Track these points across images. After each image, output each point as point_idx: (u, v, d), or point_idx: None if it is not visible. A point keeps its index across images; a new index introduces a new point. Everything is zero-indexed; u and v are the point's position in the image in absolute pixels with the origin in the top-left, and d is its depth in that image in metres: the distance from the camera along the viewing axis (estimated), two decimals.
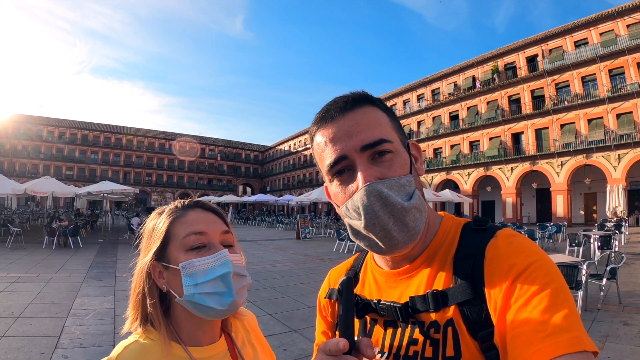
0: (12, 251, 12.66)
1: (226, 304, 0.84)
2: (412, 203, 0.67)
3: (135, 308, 0.88)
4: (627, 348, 4.64)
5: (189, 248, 0.85)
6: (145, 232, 0.93)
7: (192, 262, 0.83)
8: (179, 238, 0.86)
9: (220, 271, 0.83)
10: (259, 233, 26.66)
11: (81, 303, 6.56)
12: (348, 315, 0.60)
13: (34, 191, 17.77)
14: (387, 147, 0.69)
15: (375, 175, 0.67)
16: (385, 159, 0.69)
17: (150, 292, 0.87)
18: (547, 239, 16.01)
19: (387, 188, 0.66)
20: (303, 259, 13.41)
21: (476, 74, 37.74)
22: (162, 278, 0.87)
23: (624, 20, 27.01)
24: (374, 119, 0.71)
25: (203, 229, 0.87)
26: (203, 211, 0.92)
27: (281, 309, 6.58)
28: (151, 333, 0.85)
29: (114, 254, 13.25)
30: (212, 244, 0.87)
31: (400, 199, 0.66)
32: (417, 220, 0.68)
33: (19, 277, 8.45)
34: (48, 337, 4.83)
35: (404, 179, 0.68)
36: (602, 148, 27.49)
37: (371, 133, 0.69)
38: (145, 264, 0.86)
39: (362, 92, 0.75)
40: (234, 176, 79.18)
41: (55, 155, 61.01)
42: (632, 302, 6.77)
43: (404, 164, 0.71)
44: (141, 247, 0.92)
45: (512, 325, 0.56)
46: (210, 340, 0.91)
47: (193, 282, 0.82)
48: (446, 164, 39.15)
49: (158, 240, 0.87)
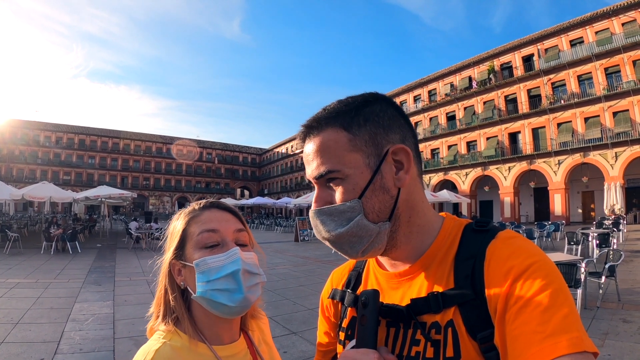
0: (10, 257, 12.61)
1: (236, 301, 0.86)
2: (344, 230, 0.70)
3: (158, 305, 0.92)
4: (626, 345, 4.65)
5: (203, 246, 0.88)
6: (167, 233, 0.97)
7: (204, 260, 0.86)
8: (194, 236, 0.89)
9: (230, 268, 0.86)
10: (257, 236, 26.44)
11: (80, 308, 6.54)
12: (373, 326, 0.64)
13: (31, 196, 17.72)
14: (333, 176, 0.72)
15: (325, 200, 0.73)
16: (335, 184, 0.72)
17: (171, 287, 0.91)
18: (545, 237, 16.06)
19: (325, 214, 0.72)
20: (302, 261, 13.41)
21: (472, 74, 37.84)
22: (181, 275, 0.90)
23: (619, 19, 27.14)
24: (325, 147, 0.72)
25: (216, 227, 0.90)
26: (218, 210, 0.95)
27: (280, 312, 6.57)
28: (176, 333, 0.87)
29: (112, 258, 13.22)
30: (225, 241, 0.90)
31: (335, 224, 0.71)
32: (354, 243, 0.72)
33: (18, 283, 8.42)
34: (47, 343, 4.81)
35: (343, 206, 0.70)
36: (599, 146, 27.55)
37: (318, 164, 0.73)
38: (166, 262, 0.91)
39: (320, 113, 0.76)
40: (232, 179, 79.15)
41: (52, 160, 60.88)
42: (631, 300, 6.79)
43: (352, 189, 0.71)
44: (164, 247, 0.96)
45: (511, 326, 0.57)
46: (230, 339, 0.93)
47: (205, 279, 0.85)
48: (444, 165, 39.19)
49: (176, 239, 0.91)
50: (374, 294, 0.67)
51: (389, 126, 0.74)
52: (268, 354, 1.01)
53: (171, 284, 0.90)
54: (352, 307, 0.83)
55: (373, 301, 0.66)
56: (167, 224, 0.98)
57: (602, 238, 11.69)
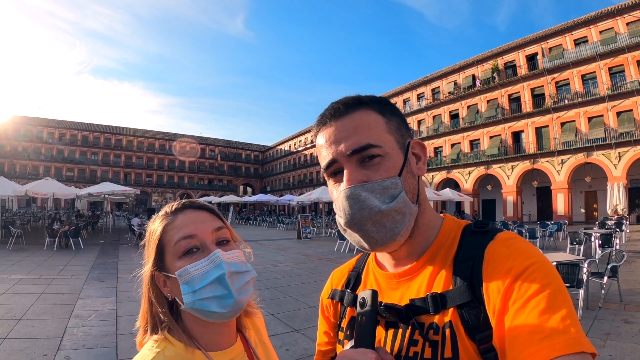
0: (13, 253, 12.68)
1: (228, 306, 0.82)
2: (392, 206, 0.69)
3: (144, 319, 0.88)
4: (628, 346, 4.64)
5: (182, 254, 0.83)
6: (145, 239, 0.92)
7: (186, 269, 0.81)
8: (171, 245, 0.84)
9: (215, 274, 0.81)
10: (259, 233, 26.66)
11: (83, 304, 6.57)
12: (372, 326, 0.64)
13: (34, 193, 17.78)
14: (375, 152, 0.71)
15: (360, 179, 0.70)
16: (373, 162, 0.71)
17: (158, 300, 0.86)
18: (547, 237, 16.02)
19: (367, 191, 0.69)
20: (304, 258, 13.42)
21: (476, 72, 37.72)
22: (166, 287, 0.86)
23: (623, 18, 26.99)
24: (364, 123, 0.73)
25: (192, 232, 0.84)
26: (192, 211, 0.89)
27: (283, 309, 6.59)
28: (169, 342, 0.84)
29: (115, 255, 13.25)
30: (204, 245, 0.84)
31: (379, 201, 0.69)
32: (397, 222, 0.70)
33: (21, 279, 8.47)
34: (50, 339, 4.84)
35: (388, 182, 0.70)
36: (603, 146, 27.46)
37: (358, 138, 0.71)
38: (147, 275, 0.86)
39: (357, 95, 0.77)
40: (235, 176, 79.19)
41: (55, 156, 61.05)
42: (633, 300, 6.77)
43: (393, 166, 0.72)
44: (144, 256, 0.92)
45: (510, 327, 0.57)
46: (228, 343, 0.91)
47: (191, 290, 0.80)
48: (447, 163, 39.14)
49: (153, 250, 0.86)
50: (372, 294, 0.67)
51: (406, 123, 0.80)
52: (264, 354, 1.00)
53: (157, 296, 0.86)
54: (351, 307, 0.84)
55: (371, 302, 0.66)
56: (144, 223, 0.92)
57: (604, 238, 11.67)
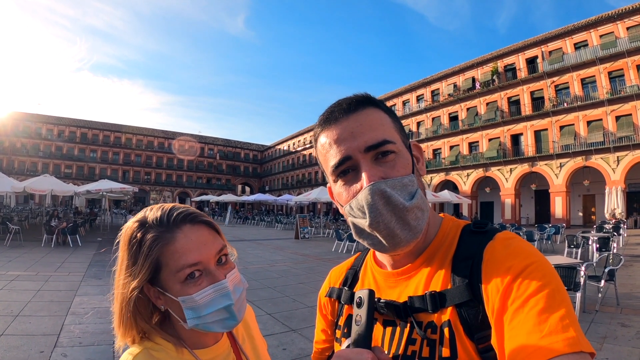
0: (11, 249, 12.65)
1: (230, 326, 0.83)
2: (414, 202, 0.68)
3: (126, 334, 0.83)
4: (625, 349, 4.65)
5: (184, 279, 0.78)
6: (124, 244, 0.83)
7: (191, 298, 0.78)
8: (172, 270, 0.78)
9: (222, 303, 0.80)
10: (257, 232, 26.64)
11: (80, 302, 6.56)
12: (368, 326, 0.62)
13: (33, 189, 17.77)
14: (390, 148, 0.70)
15: (379, 175, 0.69)
16: (388, 159, 0.70)
17: (144, 313, 0.84)
18: (545, 240, 16.03)
19: (390, 187, 0.67)
20: (302, 258, 13.42)
21: (476, 75, 37.77)
22: (160, 299, 0.82)
23: (624, 23, 27.05)
24: (377, 120, 0.72)
25: (196, 259, 0.79)
26: (192, 228, 0.82)
27: (280, 309, 6.59)
28: (157, 340, 0.84)
29: (113, 252, 13.19)
30: (207, 270, 0.81)
31: (403, 198, 0.68)
32: (419, 219, 0.69)
33: (18, 275, 8.45)
34: (47, 336, 4.83)
35: (406, 179, 0.70)
36: (601, 150, 27.52)
37: (374, 134, 0.70)
38: (133, 291, 0.79)
39: (365, 94, 0.76)
40: (233, 175, 79.12)
41: (54, 153, 60.89)
42: (630, 304, 6.79)
43: (407, 164, 0.72)
44: (120, 259, 0.83)
45: (508, 326, 0.57)
46: (214, 340, 0.91)
47: (196, 315, 0.79)
48: (445, 165, 39.15)
49: (147, 271, 0.78)
50: (369, 293, 0.63)
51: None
52: (252, 349, 1.00)
53: (144, 308, 0.83)
54: (349, 304, 0.84)
55: (368, 301, 0.65)
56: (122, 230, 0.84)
57: (602, 242, 11.69)
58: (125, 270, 0.81)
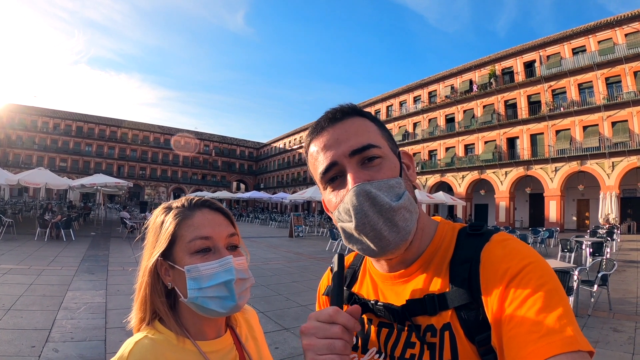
0: (3, 242, 12.54)
1: (228, 308, 0.86)
2: (401, 203, 0.68)
3: (141, 308, 0.90)
4: (616, 354, 4.67)
5: (194, 251, 0.86)
6: (151, 228, 0.93)
7: (196, 267, 0.84)
8: (185, 241, 0.86)
9: (224, 277, 0.85)
10: (251, 230, 26.61)
11: (73, 296, 6.52)
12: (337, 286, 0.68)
13: (27, 182, 17.66)
14: (376, 153, 0.71)
15: (364, 178, 0.69)
16: (374, 163, 0.71)
17: (157, 288, 0.89)
18: (539, 244, 16.10)
19: (376, 189, 0.67)
20: (296, 257, 13.41)
21: (473, 77, 37.91)
22: (168, 275, 0.88)
23: (622, 29, 27.22)
24: (362, 127, 0.74)
25: (209, 234, 0.88)
26: (210, 212, 0.92)
27: (273, 307, 6.57)
28: (159, 328, 0.88)
29: (106, 247, 13.18)
30: (217, 247, 0.88)
31: (389, 199, 0.67)
32: (407, 220, 0.69)
33: (11, 269, 8.38)
34: (39, 331, 4.79)
35: (393, 181, 0.70)
36: (597, 155, 27.68)
37: (359, 139, 0.72)
38: (152, 264, 0.87)
39: (351, 104, 0.78)
40: (228, 172, 79.07)
41: (49, 146, 60.59)
42: (622, 309, 6.82)
43: (394, 168, 0.73)
44: (146, 242, 0.92)
45: (507, 327, 0.57)
46: (215, 334, 0.93)
47: (197, 286, 0.84)
48: (440, 166, 39.28)
49: (165, 242, 0.87)
50: (339, 257, 0.72)
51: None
52: (255, 349, 1.01)
53: (156, 283, 0.89)
54: (346, 304, 0.84)
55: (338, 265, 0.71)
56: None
57: (595, 247, 11.75)
58: (150, 245, 0.90)
